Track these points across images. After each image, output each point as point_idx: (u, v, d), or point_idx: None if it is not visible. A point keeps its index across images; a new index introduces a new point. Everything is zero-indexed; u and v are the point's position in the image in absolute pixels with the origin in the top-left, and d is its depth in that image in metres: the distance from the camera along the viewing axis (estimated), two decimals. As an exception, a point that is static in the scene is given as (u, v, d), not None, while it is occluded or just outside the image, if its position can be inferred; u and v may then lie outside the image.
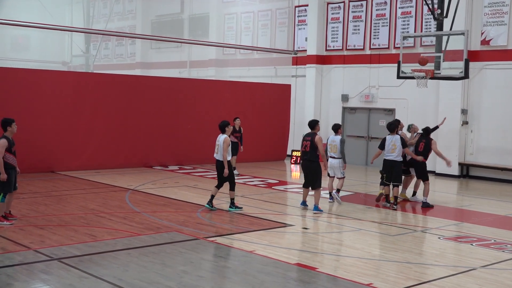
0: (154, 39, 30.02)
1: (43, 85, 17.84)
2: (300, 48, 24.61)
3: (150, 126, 19.84)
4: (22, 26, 23.36)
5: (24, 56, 31.18)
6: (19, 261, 8.25)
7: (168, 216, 11.76)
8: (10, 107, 17.03)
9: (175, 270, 8.04)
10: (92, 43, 32.83)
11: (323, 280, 7.90)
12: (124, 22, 33.28)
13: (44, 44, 33.23)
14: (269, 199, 14.29)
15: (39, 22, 22.26)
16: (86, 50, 32.41)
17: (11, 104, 17.05)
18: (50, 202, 12.99)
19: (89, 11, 31.38)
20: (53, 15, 29.08)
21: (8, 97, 17.02)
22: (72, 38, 33.55)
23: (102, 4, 33.27)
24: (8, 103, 17.00)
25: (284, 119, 23.96)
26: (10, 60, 27.91)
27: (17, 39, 32.43)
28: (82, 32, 30.35)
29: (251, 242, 9.75)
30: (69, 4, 34.08)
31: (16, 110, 17.09)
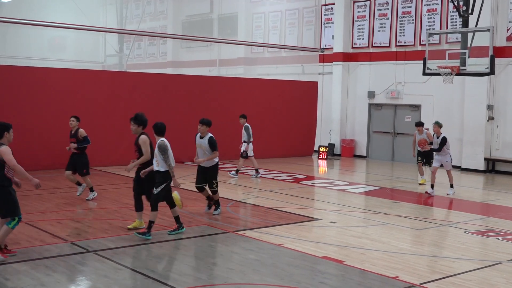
0: (184, 38, 30.12)
1: (79, 84, 18.06)
2: (327, 46, 24.46)
3: (181, 123, 19.89)
4: (59, 28, 23.66)
5: (60, 56, 31.58)
6: (56, 253, 8.34)
7: (199, 210, 11.79)
8: (48, 106, 17.30)
9: (205, 262, 8.07)
10: (125, 43, 33.10)
11: (350, 273, 7.84)
12: (155, 22, 33.47)
13: (79, 44, 33.61)
14: (296, 194, 14.24)
15: (74, 24, 22.52)
16: (120, 50, 32.70)
17: (49, 103, 17.32)
18: (86, 196, 13.11)
19: (122, 12, 31.64)
20: (88, 16, 29.44)
21: (46, 96, 17.28)
22: (106, 39, 33.88)
23: (134, 6, 33.52)
24: (46, 102, 17.27)
25: (311, 115, 23.86)
26: (47, 60, 28.28)
27: (54, 40, 32.86)
28: (116, 32, 30.64)
29: (280, 236, 9.73)
30: (103, 5, 34.41)
31: (54, 108, 17.36)
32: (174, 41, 32.09)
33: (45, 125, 17.22)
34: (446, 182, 14.82)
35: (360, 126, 23.73)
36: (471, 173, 19.29)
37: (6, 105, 16.54)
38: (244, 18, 28.22)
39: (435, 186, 14.55)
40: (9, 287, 6.84)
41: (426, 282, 7.41)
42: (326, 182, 16.74)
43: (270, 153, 22.20)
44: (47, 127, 17.26)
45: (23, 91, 16.94)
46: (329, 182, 16.58)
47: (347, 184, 16.20)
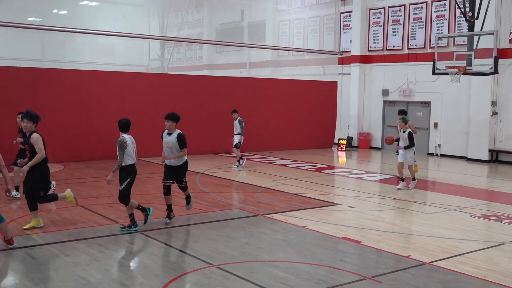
0: (218, 44, 30.18)
1: (127, 85, 18.25)
2: (345, 49, 24.29)
3: (216, 119, 20.00)
4: (109, 35, 23.91)
5: (110, 60, 31.89)
6: (108, 233, 8.47)
7: (232, 196, 11.85)
8: (101, 104, 17.51)
9: (238, 242, 8.10)
10: (166, 48, 33.25)
11: (367, 252, 7.80)
12: (193, 30, 33.57)
13: (126, 50, 33.90)
14: (318, 181, 14.20)
15: (122, 32, 22.71)
16: (162, 54, 32.85)
17: (102, 101, 17.53)
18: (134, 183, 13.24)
19: (163, 21, 31.77)
20: (134, 25, 29.67)
21: (99, 95, 17.51)
22: (150, 45, 34.12)
23: (174, 15, 33.64)
24: (99, 100, 17.49)
25: (332, 111, 23.72)
26: (99, 64, 28.62)
27: (105, 46, 33.18)
28: (158, 39, 30.81)
29: (304, 219, 9.71)
30: (147, 15, 34.61)
31: (106, 106, 17.57)
32: (209, 46, 32.17)
33: (99, 120, 17.45)
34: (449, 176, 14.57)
35: (376, 121, 23.54)
36: (477, 163, 19.00)
37: (66, 104, 16.81)
38: (271, 25, 28.19)
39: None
40: (68, 262, 6.97)
41: (436, 261, 7.33)
42: (345, 171, 16.65)
43: (295, 145, 22.17)
44: (100, 123, 17.48)
45: (80, 91, 17.19)
46: (348, 171, 16.48)
47: (364, 173, 16.09)
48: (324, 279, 6.50)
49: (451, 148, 20.74)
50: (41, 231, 8.48)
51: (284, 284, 6.26)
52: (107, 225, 8.94)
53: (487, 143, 19.21)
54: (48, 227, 8.75)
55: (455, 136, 20.54)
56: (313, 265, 7.02)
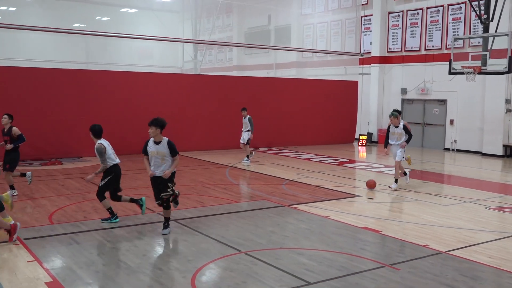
0: (247, 46, 30.17)
1: (163, 85, 18.38)
2: (366, 51, 24.00)
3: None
4: (146, 39, 24.11)
5: (148, 62, 32.20)
6: (146, 221, 8.54)
7: (259, 188, 11.83)
8: (139, 102, 17.68)
9: (265, 230, 8.09)
10: (199, 51, 33.40)
11: (386, 241, 7.70)
12: (223, 33, 33.63)
13: (162, 53, 34.17)
14: (340, 174, 14.08)
15: (159, 36, 22.89)
16: (194, 56, 33.02)
17: (139, 100, 17.69)
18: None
19: (196, 26, 31.91)
20: (169, 30, 29.88)
21: (136, 95, 17.67)
22: (183, 48, 34.30)
23: (206, 20, 33.75)
24: (137, 99, 17.66)
25: (353, 109, 23.50)
26: (138, 66, 28.90)
27: (143, 49, 33.51)
28: (191, 42, 30.95)
29: (326, 209, 9.65)
30: (181, 21, 34.84)
31: (143, 105, 17.73)
32: (238, 49, 32.19)
33: (136, 118, 17.62)
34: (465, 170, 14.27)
35: (394, 118, 23.22)
36: (491, 158, 18.59)
37: (107, 102, 17.02)
38: (296, 28, 28.05)
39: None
40: (110, 247, 7.06)
41: (452, 250, 7.20)
42: (365, 165, 16.48)
43: (318, 141, 22.04)
44: (138, 119, 17.65)
45: (119, 91, 17.39)
46: (368, 165, 16.31)
47: (383, 167, 15.90)
48: (345, 266, 6.45)
49: (467, 144, 20.34)
50: (85, 218, 8.60)
51: (308, 270, 6.23)
52: (145, 214, 9.01)
53: (501, 139, 18.79)
54: (92, 215, 8.88)
55: (470, 132, 20.14)
56: (335, 253, 6.97)
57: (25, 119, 15.79)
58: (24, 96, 15.72)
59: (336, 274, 6.13)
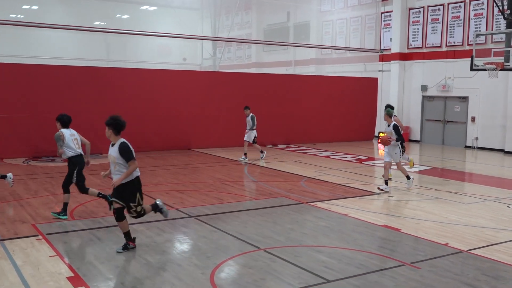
0: (266, 43, 30.13)
1: (182, 82, 18.46)
2: (386, 47, 23.80)
3: (264, 113, 19.98)
4: (166, 37, 24.23)
5: (167, 60, 32.38)
6: (165, 218, 8.58)
7: (278, 185, 11.82)
8: (159, 100, 17.79)
9: (284, 227, 8.08)
10: (218, 48, 33.48)
11: (406, 239, 7.62)
12: (242, 31, 33.64)
13: (182, 50, 34.32)
14: (360, 172, 13.99)
15: (178, 33, 22.97)
16: (213, 54, 33.11)
17: (159, 98, 17.80)
18: (187, 172, 13.43)
19: (215, 23, 31.98)
20: (188, 27, 29.97)
21: (156, 92, 17.78)
22: (203, 45, 34.42)
23: (225, 17, 33.80)
24: (157, 96, 17.76)
25: (372, 106, 23.32)
26: (157, 63, 29.08)
27: (162, 47, 33.71)
28: (210, 40, 31.05)
29: (345, 207, 9.60)
30: (200, 18, 34.94)
31: (162, 101, 17.84)
32: (257, 46, 32.16)
33: (156, 115, 17.75)
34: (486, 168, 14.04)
35: (414, 115, 23.00)
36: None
37: (128, 99, 17.16)
38: (315, 25, 27.92)
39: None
40: (129, 244, 7.11)
41: (473, 249, 7.10)
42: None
43: (337, 138, 21.93)
44: (157, 116, 17.78)
45: (140, 88, 17.51)
46: (387, 162, 16.16)
47: (403, 164, 15.70)
48: (364, 264, 6.40)
49: (488, 141, 20.04)
50: (105, 214, 8.69)
51: (327, 268, 6.20)
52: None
53: (524, 136, 18.49)
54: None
55: (492, 129, 19.83)
56: (354, 251, 6.92)
57: (47, 116, 16.01)
58: (46, 93, 15.93)
59: (355, 272, 6.09)
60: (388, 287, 5.65)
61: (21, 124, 15.53)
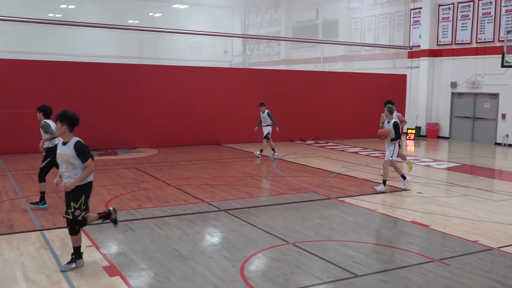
0: (294, 40, 30.01)
1: (213, 79, 18.55)
2: (415, 44, 23.42)
3: (292, 109, 19.94)
4: (197, 34, 24.36)
5: (198, 57, 32.56)
6: (196, 211, 8.67)
7: (306, 180, 11.78)
8: (190, 96, 17.92)
9: (312, 222, 8.05)
10: (248, 46, 33.50)
11: (435, 235, 7.51)
12: (271, 28, 33.57)
13: (212, 47, 34.46)
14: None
15: (209, 31, 23.07)
16: (243, 51, 33.14)
17: (190, 94, 17.93)
18: (218, 167, 13.50)
19: (245, 21, 32.01)
20: (219, 25, 30.06)
21: (187, 89, 17.92)
22: (233, 42, 34.49)
23: (254, 15, 33.78)
24: (188, 93, 17.90)
25: (401, 103, 22.93)
26: (188, 60, 29.27)
27: (194, 44, 33.91)
28: (240, 37, 31.08)
29: (374, 203, 9.50)
30: (230, 16, 35.00)
31: (193, 98, 17.97)
32: (286, 43, 32.06)
33: (187, 110, 17.89)
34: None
35: (443, 111, 22.58)
36: (545, 153, 17.77)
37: (160, 95, 17.34)
38: (344, 22, 27.67)
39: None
40: (163, 235, 7.21)
41: (503, 246, 6.94)
42: (413, 159, 16.07)
43: (365, 134, 21.69)
44: (189, 112, 17.92)
45: (171, 84, 17.67)
46: (416, 159, 15.92)
47: (432, 161, 15.50)
48: (393, 259, 6.34)
49: (519, 138, 19.55)
50: (139, 207, 8.82)
51: (355, 263, 6.16)
52: (195, 204, 9.16)
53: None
54: (145, 204, 9.10)
55: (523, 126, 19.33)
56: (382, 246, 6.86)
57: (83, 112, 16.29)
58: (82, 89, 16.23)
59: (384, 268, 6.03)
60: (417, 283, 5.58)
61: (58, 119, 15.86)
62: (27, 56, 21.41)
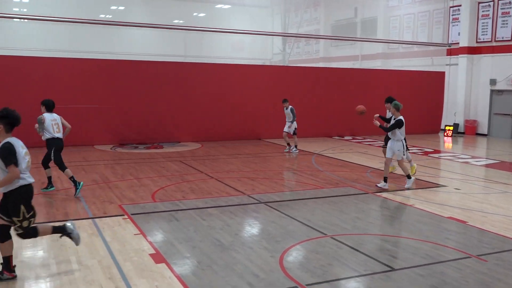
0: (333, 38, 29.68)
1: (253, 76, 18.58)
2: (453, 41, 22.74)
3: (330, 105, 19.76)
4: (239, 33, 24.46)
5: (240, 55, 32.68)
6: (237, 203, 8.72)
7: (344, 175, 11.67)
8: (232, 92, 18.02)
9: (350, 216, 7.97)
10: (287, 44, 33.34)
11: (472, 231, 7.30)
12: (311, 27, 33.30)
13: (253, 45, 34.50)
14: (425, 164, 13.52)
15: (250, 30, 23.11)
16: (283, 49, 33.01)
17: (232, 90, 18.03)
18: (258, 161, 13.54)
19: (285, 20, 31.84)
20: (259, 24, 30.09)
21: (229, 85, 18.02)
22: (273, 41, 34.42)
23: (294, 14, 33.58)
24: (230, 89, 18.00)
25: (439, 99, 22.41)
26: (230, 58, 29.44)
27: (235, 43, 34.04)
28: (280, 36, 30.96)
29: (411, 198, 9.32)
30: (271, 15, 34.92)
31: (234, 94, 18.05)
32: (325, 41, 31.75)
33: (229, 106, 17.99)
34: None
35: (482, 108, 21.86)
36: None
37: (204, 92, 17.51)
38: (383, 20, 27.15)
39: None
40: (205, 225, 7.30)
41: (543, 244, 6.68)
42: (451, 155, 15.69)
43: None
44: (231, 108, 18.02)
45: (214, 81, 17.80)
46: (454, 156, 15.52)
47: (470, 158, 15.05)
48: (430, 254, 6.20)
49: (561, 136, 18.72)
50: (183, 198, 8.95)
51: (392, 257, 6.06)
52: (236, 196, 9.22)
53: None
54: (189, 195, 9.22)
55: None
56: (419, 241, 6.72)
57: (131, 107, 16.67)
58: (130, 86, 16.57)
59: (421, 262, 5.91)
60: (454, 278, 5.44)
61: (108, 115, 16.27)
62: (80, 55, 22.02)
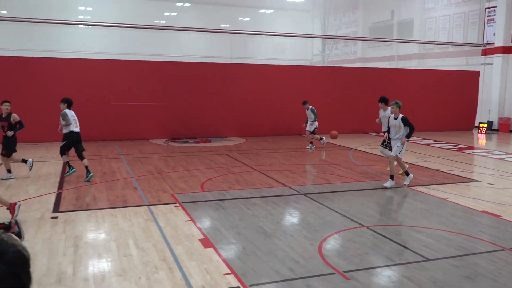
0: (371, 40, 29.12)
1: (294, 75, 18.50)
2: (489, 42, 21.85)
3: (366, 103, 19.41)
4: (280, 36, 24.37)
5: (281, 56, 32.59)
6: (279, 194, 8.73)
7: (380, 169, 11.47)
8: (273, 91, 18.01)
9: (385, 208, 7.84)
10: (326, 45, 32.98)
11: (506, 225, 7.01)
12: (349, 29, 32.81)
13: (294, 47, 34.33)
14: (459, 160, 13.09)
15: (291, 32, 22.98)
16: (322, 50, 32.68)
17: (274, 89, 18.01)
18: (298, 155, 13.49)
19: (324, 22, 31.51)
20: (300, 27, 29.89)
21: (272, 84, 18.01)
22: (313, 43, 34.12)
23: (333, 17, 33.17)
24: (272, 88, 17.99)
25: (473, 98, 21.63)
26: (273, 59, 29.41)
27: (278, 45, 33.97)
28: (320, 38, 30.66)
29: (445, 192, 9.05)
30: (311, 18, 34.62)
31: (277, 93, 18.02)
32: (362, 43, 31.22)
33: (271, 104, 17.99)
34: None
35: (517, 106, 20.94)
36: None
37: (249, 91, 17.59)
38: (419, 22, 26.41)
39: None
40: (249, 214, 7.35)
41: None
42: (484, 151, 15.13)
43: (438, 127, 20.69)
44: (272, 105, 18.01)
45: (259, 81, 17.85)
46: (488, 152, 14.95)
47: (504, 154, 14.46)
48: (463, 246, 6.02)
49: None
50: (229, 188, 9.05)
51: (426, 247, 5.92)
52: (278, 187, 9.23)
53: None
54: (235, 186, 9.31)
55: None
56: (453, 233, 6.53)
57: (182, 105, 16.95)
58: (180, 85, 16.85)
59: (455, 253, 5.74)
60: (488, 269, 5.26)
61: (162, 111, 16.62)
62: (136, 57, 22.57)
